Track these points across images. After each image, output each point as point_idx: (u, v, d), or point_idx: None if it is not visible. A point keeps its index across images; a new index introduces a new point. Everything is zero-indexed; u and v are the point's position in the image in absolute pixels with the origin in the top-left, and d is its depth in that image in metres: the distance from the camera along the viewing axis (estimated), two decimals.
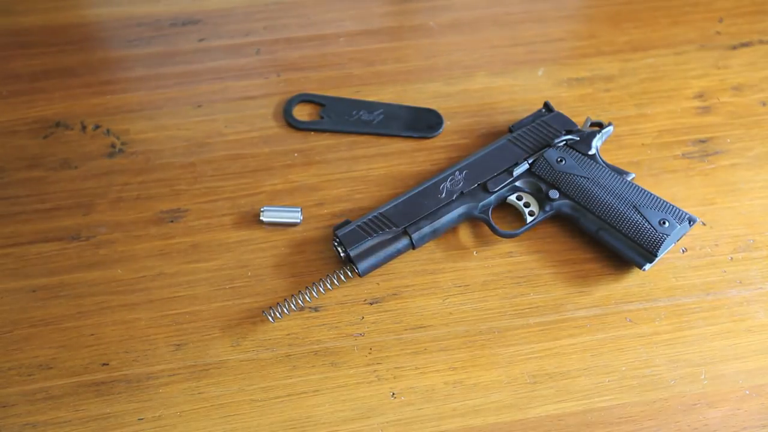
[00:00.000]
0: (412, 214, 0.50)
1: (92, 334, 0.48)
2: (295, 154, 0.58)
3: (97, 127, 0.59)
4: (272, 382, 0.47)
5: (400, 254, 0.51)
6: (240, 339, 0.48)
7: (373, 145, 0.58)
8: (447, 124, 0.60)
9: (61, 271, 0.51)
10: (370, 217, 0.50)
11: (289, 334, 0.49)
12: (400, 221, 0.50)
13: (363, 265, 0.49)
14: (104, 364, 0.47)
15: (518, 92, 0.62)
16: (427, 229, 0.50)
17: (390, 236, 0.50)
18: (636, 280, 0.51)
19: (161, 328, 0.49)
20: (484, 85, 0.62)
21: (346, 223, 0.50)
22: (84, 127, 0.59)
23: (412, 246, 0.50)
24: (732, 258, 0.52)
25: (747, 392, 0.46)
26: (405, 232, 0.50)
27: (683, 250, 0.52)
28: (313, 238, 0.53)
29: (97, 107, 0.61)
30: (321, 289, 0.49)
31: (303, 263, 0.52)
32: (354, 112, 0.60)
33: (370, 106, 0.61)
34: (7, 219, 0.54)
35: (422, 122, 0.60)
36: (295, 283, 0.51)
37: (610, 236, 0.50)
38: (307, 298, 0.49)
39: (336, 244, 0.50)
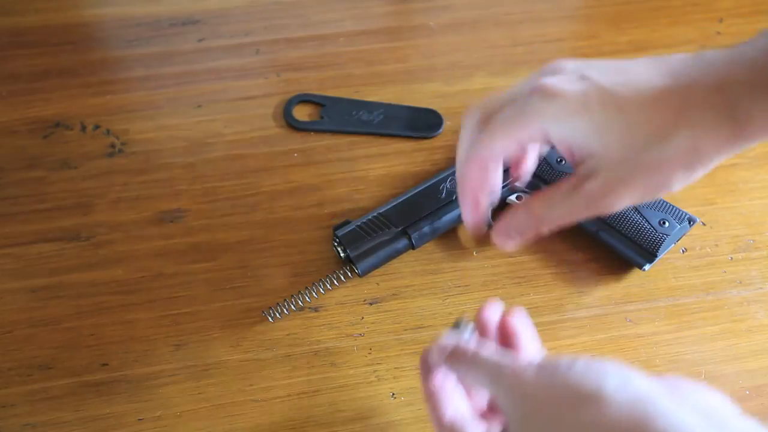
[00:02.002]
0: (412, 214, 0.50)
1: (92, 334, 0.48)
2: (295, 154, 0.58)
3: (97, 127, 0.59)
4: (272, 382, 0.47)
5: (400, 254, 0.51)
6: (240, 339, 0.48)
7: (373, 145, 0.58)
8: (447, 124, 0.60)
9: (61, 271, 0.51)
10: (369, 217, 0.50)
11: (289, 335, 0.49)
12: (400, 221, 0.50)
13: (363, 265, 0.49)
14: (104, 364, 0.47)
15: None
16: (426, 230, 0.50)
17: (389, 236, 0.50)
18: (636, 280, 0.51)
19: (161, 328, 0.49)
20: (484, 85, 0.62)
21: (346, 223, 0.50)
22: (84, 127, 0.59)
23: (412, 246, 0.50)
24: (732, 258, 0.52)
25: (747, 392, 0.46)
26: (404, 233, 0.50)
27: (683, 250, 0.52)
28: (313, 238, 0.53)
29: (97, 107, 0.61)
30: (321, 289, 0.49)
31: (303, 263, 0.52)
32: (354, 112, 0.60)
33: (370, 106, 0.61)
34: (6, 219, 0.54)
35: (422, 122, 0.60)
36: (295, 283, 0.51)
37: (610, 236, 0.50)
38: (307, 299, 0.49)
39: (336, 244, 0.50)
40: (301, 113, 0.61)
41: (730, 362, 0.47)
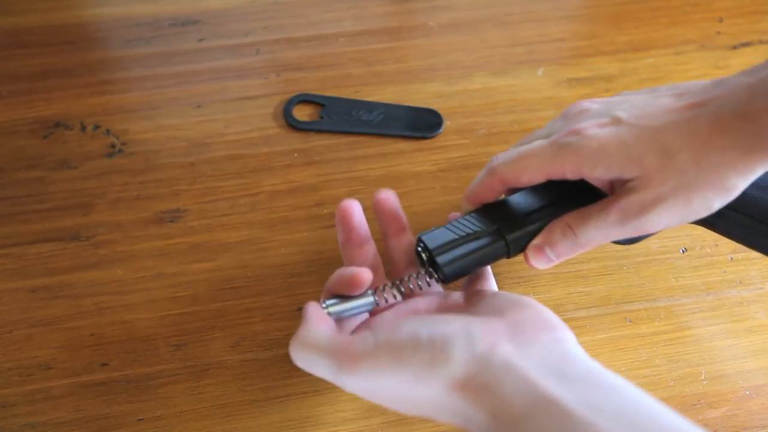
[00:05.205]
0: (509, 213, 0.41)
1: (92, 334, 0.48)
2: (295, 154, 0.58)
3: (96, 127, 0.59)
4: (272, 382, 0.47)
5: (495, 260, 0.42)
6: (240, 339, 0.48)
7: (373, 145, 0.58)
8: (447, 124, 0.60)
9: (61, 271, 0.51)
10: (460, 219, 0.42)
11: (288, 335, 0.48)
12: (494, 221, 0.41)
13: (449, 269, 0.40)
14: (104, 364, 0.47)
15: (518, 92, 0.62)
16: (524, 232, 0.41)
17: (482, 238, 0.40)
18: (636, 280, 0.51)
19: (161, 328, 0.49)
20: (484, 85, 0.63)
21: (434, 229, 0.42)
22: (84, 128, 0.59)
23: (508, 252, 0.41)
24: (732, 258, 0.52)
25: (747, 392, 0.46)
26: (500, 234, 0.40)
27: (683, 250, 0.52)
28: (312, 239, 0.53)
29: (97, 107, 0.61)
30: (398, 295, 0.42)
31: (303, 263, 0.52)
32: (354, 112, 0.60)
33: (370, 106, 0.61)
34: (6, 219, 0.54)
35: (422, 122, 0.60)
36: (294, 284, 0.51)
37: (730, 223, 0.43)
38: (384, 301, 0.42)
39: (420, 249, 0.43)
40: (301, 113, 0.61)
41: (730, 362, 0.47)
